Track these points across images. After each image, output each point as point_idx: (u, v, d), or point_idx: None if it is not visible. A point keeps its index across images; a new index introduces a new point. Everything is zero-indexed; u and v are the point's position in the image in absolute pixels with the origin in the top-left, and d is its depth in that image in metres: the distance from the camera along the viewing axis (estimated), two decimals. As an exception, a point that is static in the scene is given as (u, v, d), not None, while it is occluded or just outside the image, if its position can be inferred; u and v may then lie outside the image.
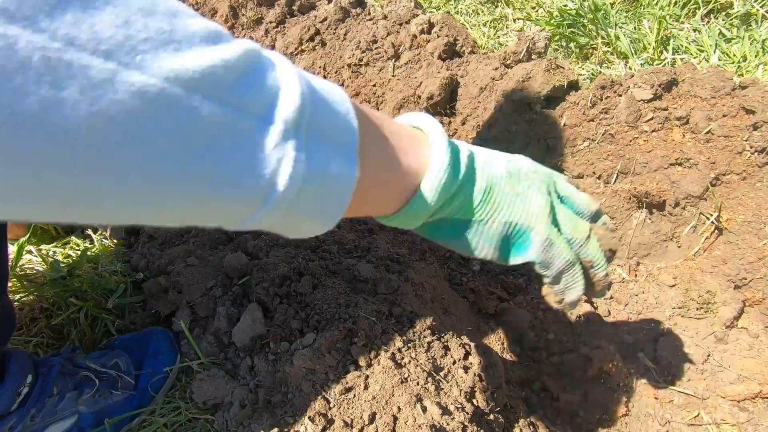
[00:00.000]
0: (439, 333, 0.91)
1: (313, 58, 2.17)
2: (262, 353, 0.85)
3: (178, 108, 0.27)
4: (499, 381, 0.86)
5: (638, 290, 1.28)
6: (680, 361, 1.12)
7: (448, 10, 2.22)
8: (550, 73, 1.43)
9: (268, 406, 0.79)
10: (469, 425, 0.75)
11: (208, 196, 0.30)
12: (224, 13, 2.53)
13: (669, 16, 1.73)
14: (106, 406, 0.81)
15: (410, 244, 1.31)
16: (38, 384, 0.76)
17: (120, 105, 0.24)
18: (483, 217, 0.50)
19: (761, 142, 1.14)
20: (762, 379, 1.05)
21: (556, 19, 1.90)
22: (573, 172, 1.41)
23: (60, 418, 0.77)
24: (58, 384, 0.78)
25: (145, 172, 0.27)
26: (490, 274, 1.29)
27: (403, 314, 0.92)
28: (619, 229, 1.33)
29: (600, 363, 1.05)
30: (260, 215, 0.33)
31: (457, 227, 0.51)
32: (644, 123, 1.30)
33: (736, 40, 1.59)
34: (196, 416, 0.82)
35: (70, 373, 0.81)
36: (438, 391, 0.78)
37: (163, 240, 1.11)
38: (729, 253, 1.21)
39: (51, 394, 0.77)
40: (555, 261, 0.53)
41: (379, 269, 1.01)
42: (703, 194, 1.24)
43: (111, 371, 0.84)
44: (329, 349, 0.80)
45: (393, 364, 0.79)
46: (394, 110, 1.83)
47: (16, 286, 0.97)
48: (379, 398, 0.75)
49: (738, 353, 1.12)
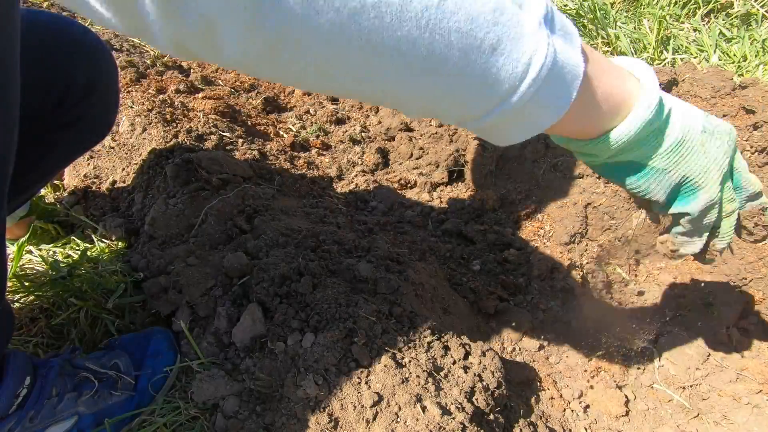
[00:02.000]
0: (439, 333, 0.91)
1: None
2: (262, 353, 0.85)
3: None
4: (499, 381, 0.86)
5: (638, 290, 1.28)
6: (680, 360, 1.11)
7: (448, 10, 2.22)
8: (550, 73, 1.43)
9: (268, 405, 0.79)
10: (469, 425, 0.75)
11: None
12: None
13: (669, 16, 1.73)
14: (106, 406, 0.81)
15: (410, 244, 1.31)
16: (37, 385, 0.76)
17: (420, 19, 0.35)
18: (667, 167, 0.55)
19: (761, 142, 1.14)
20: (762, 379, 1.05)
21: (556, 18, 1.90)
22: (573, 172, 1.41)
23: (59, 420, 0.77)
24: (57, 385, 0.78)
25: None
26: (490, 274, 1.29)
27: (403, 314, 0.91)
28: (619, 229, 1.33)
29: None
30: (520, 91, 0.41)
31: (636, 170, 0.56)
32: (644, 123, 1.30)
33: (736, 40, 1.59)
34: (196, 416, 0.82)
35: (69, 374, 0.81)
36: (438, 391, 0.78)
37: (163, 240, 1.11)
38: (729, 253, 1.21)
39: (50, 396, 0.77)
40: (704, 220, 0.59)
41: (379, 269, 1.01)
42: (703, 194, 1.24)
43: (110, 372, 0.84)
44: (330, 349, 0.80)
45: (393, 363, 0.79)
46: (394, 109, 1.83)
47: (16, 286, 0.97)
48: (380, 398, 0.75)
49: (738, 353, 1.12)
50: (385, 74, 0.37)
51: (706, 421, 1.02)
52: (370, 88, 0.39)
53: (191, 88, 1.86)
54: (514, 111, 0.42)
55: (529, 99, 0.41)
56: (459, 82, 0.39)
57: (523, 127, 0.45)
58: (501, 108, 0.42)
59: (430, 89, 0.39)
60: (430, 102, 0.41)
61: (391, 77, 0.38)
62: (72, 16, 2.46)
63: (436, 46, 0.36)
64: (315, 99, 2.08)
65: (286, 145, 1.72)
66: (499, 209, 1.51)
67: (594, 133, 0.52)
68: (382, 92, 0.40)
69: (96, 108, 0.96)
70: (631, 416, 1.03)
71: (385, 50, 0.35)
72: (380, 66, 0.37)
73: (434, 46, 0.36)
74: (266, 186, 1.30)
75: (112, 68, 0.97)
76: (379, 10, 0.34)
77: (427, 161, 1.69)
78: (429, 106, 0.42)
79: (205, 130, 1.52)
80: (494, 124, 0.44)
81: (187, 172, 1.19)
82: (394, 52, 0.36)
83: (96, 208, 1.35)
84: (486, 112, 0.42)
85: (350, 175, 1.68)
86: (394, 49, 0.36)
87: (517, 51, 0.39)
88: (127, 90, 1.74)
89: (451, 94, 0.40)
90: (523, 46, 0.39)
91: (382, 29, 0.34)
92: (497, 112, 0.42)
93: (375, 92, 0.40)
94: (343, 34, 0.34)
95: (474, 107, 0.42)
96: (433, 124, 1.73)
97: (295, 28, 0.33)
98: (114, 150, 1.49)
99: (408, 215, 1.50)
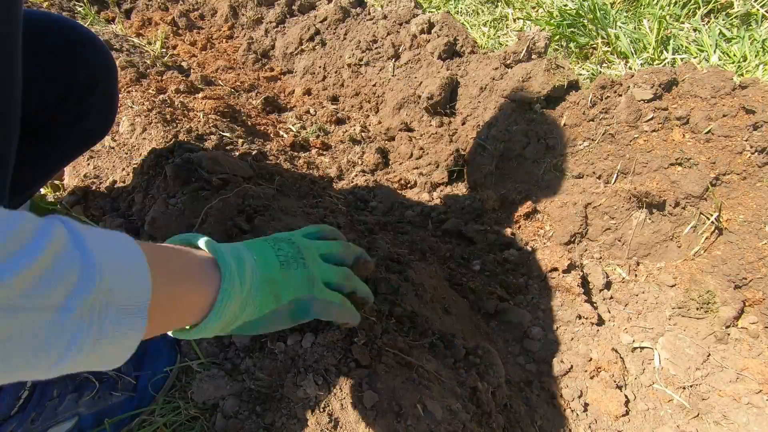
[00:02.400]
0: (440, 333, 0.91)
1: (313, 58, 2.17)
2: (262, 353, 0.85)
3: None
4: (499, 381, 0.86)
5: (638, 290, 1.28)
6: (680, 360, 1.12)
7: (448, 10, 2.22)
8: (550, 73, 1.43)
9: (267, 405, 0.79)
10: (469, 425, 0.75)
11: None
12: (224, 13, 2.52)
13: (669, 16, 1.73)
14: (106, 407, 0.81)
15: (410, 244, 1.31)
16: (38, 387, 0.76)
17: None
18: (271, 308, 0.60)
19: (761, 142, 1.14)
20: (762, 379, 1.05)
21: (556, 19, 1.90)
22: (573, 172, 1.41)
23: (60, 421, 0.77)
24: (57, 387, 0.78)
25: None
26: (490, 274, 1.29)
27: (403, 314, 0.91)
28: (620, 229, 1.33)
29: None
30: (56, 367, 0.38)
31: (255, 323, 0.61)
32: (644, 123, 1.30)
33: (736, 40, 1.59)
34: (196, 416, 0.81)
35: (70, 376, 0.81)
36: (438, 391, 0.78)
37: (163, 240, 1.11)
38: (729, 253, 1.21)
39: (51, 397, 0.77)
40: (331, 311, 0.67)
41: (379, 269, 1.01)
42: (703, 194, 1.24)
43: (111, 372, 0.84)
44: (330, 349, 0.80)
45: (394, 363, 0.79)
46: (394, 110, 1.83)
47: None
48: (381, 398, 0.75)
49: (738, 353, 1.12)
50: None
51: (706, 421, 1.02)
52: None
53: (191, 88, 1.86)
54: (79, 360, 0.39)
55: (90, 351, 0.39)
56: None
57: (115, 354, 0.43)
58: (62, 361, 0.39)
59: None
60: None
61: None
62: (71, 16, 2.46)
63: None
64: (315, 99, 2.08)
65: (286, 145, 1.72)
66: (499, 209, 1.51)
67: (190, 323, 0.53)
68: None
69: (96, 107, 0.96)
70: (631, 416, 1.03)
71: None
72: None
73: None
74: (266, 186, 1.29)
75: (111, 68, 0.97)
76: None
77: (427, 161, 1.69)
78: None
79: (205, 130, 1.52)
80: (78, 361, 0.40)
81: (187, 172, 1.19)
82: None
83: (96, 208, 1.35)
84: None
85: (350, 175, 1.68)
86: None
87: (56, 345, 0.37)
88: (127, 90, 1.74)
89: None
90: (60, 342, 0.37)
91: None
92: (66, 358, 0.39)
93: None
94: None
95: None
96: (433, 124, 1.73)
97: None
98: (114, 150, 1.49)
99: (408, 215, 1.50)
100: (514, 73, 1.52)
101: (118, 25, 2.48)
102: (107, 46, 1.19)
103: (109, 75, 0.96)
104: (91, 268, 0.38)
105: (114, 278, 0.40)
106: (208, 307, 0.53)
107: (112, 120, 1.05)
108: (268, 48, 2.34)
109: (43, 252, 0.34)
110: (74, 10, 2.49)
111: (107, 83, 0.96)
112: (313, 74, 2.17)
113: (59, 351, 0.37)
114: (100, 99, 0.96)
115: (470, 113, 1.65)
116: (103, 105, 0.98)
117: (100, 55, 0.93)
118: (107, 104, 1.00)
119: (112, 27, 2.48)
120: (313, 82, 2.16)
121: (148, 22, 2.54)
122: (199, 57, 2.30)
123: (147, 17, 2.56)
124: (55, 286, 0.35)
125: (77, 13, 2.48)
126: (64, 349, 0.37)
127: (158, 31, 2.40)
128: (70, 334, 0.37)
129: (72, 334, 0.37)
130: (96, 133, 1.03)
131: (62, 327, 0.36)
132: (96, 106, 0.96)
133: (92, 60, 0.91)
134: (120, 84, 1.76)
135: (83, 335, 0.38)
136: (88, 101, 0.93)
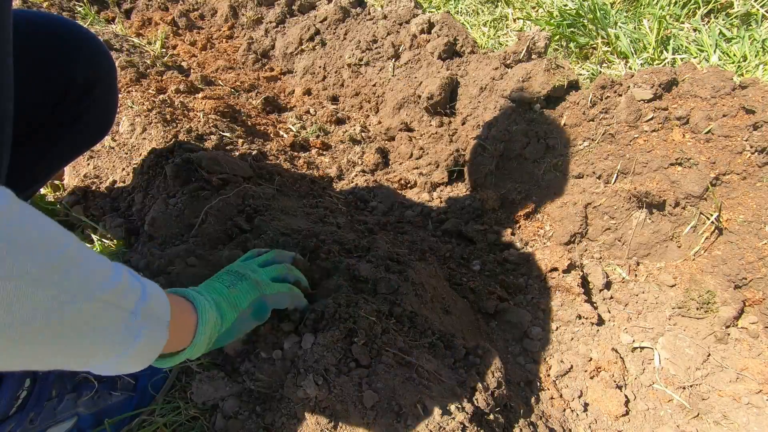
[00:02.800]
0: (440, 333, 0.91)
1: (313, 58, 2.17)
2: (261, 353, 0.85)
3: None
4: (499, 381, 0.86)
5: (638, 290, 1.28)
6: (680, 360, 1.12)
7: (448, 10, 2.22)
8: (550, 73, 1.43)
9: (267, 405, 0.79)
10: (469, 425, 0.75)
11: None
12: (224, 13, 2.52)
13: (669, 16, 1.73)
14: (106, 407, 0.81)
15: (410, 244, 1.31)
16: (36, 387, 0.76)
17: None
18: (235, 317, 0.75)
19: (761, 142, 1.14)
20: (762, 379, 1.05)
21: (556, 19, 1.90)
22: (573, 172, 1.41)
23: (59, 421, 0.77)
24: (56, 387, 0.78)
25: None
26: (490, 274, 1.29)
27: (403, 314, 0.91)
28: (620, 229, 1.33)
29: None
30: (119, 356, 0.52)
31: (229, 331, 0.75)
32: (644, 123, 1.30)
33: (736, 40, 1.59)
34: (196, 416, 0.81)
35: (68, 376, 0.80)
36: (438, 391, 0.78)
37: (163, 240, 1.11)
38: (729, 253, 1.21)
39: (50, 397, 0.77)
40: (284, 301, 0.84)
41: (379, 269, 1.01)
42: (703, 194, 1.24)
43: (110, 372, 0.84)
44: (330, 349, 0.80)
45: (393, 363, 0.79)
46: (394, 110, 1.83)
47: (16, 286, 0.97)
48: (381, 398, 0.75)
49: (738, 353, 1.12)
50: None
51: (706, 421, 1.02)
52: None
53: (191, 88, 1.86)
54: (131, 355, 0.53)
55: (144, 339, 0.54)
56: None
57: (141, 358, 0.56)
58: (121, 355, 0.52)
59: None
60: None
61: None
62: (71, 16, 2.46)
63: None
64: (315, 99, 2.08)
65: (286, 145, 1.72)
66: (499, 209, 1.51)
67: (184, 345, 0.66)
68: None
69: (95, 107, 0.96)
70: (631, 416, 1.03)
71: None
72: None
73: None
74: (266, 186, 1.29)
75: (111, 68, 0.97)
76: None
77: (427, 161, 1.69)
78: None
79: (205, 130, 1.51)
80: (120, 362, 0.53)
81: (187, 172, 1.19)
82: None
83: (96, 208, 1.35)
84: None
85: (350, 175, 1.68)
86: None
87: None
88: (127, 90, 1.74)
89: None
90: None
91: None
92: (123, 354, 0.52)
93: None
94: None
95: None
96: (433, 124, 1.73)
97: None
98: (114, 150, 1.49)
99: (408, 215, 1.50)
100: (514, 73, 1.52)
101: (118, 25, 2.48)
102: (107, 46, 1.19)
103: (108, 75, 0.96)
104: (144, 290, 0.54)
105: (154, 300, 0.56)
106: (194, 328, 0.67)
107: (112, 120, 1.05)
108: (268, 48, 2.34)
109: (121, 275, 0.51)
110: (74, 10, 2.49)
111: (106, 83, 0.96)
112: (313, 74, 2.17)
113: (126, 343, 0.51)
114: (100, 99, 0.95)
115: (470, 113, 1.65)
116: (102, 105, 0.98)
117: (99, 55, 0.93)
118: (107, 104, 1.00)
119: (112, 27, 2.48)
120: (313, 82, 2.16)
121: (148, 22, 2.54)
122: (199, 57, 2.30)
123: (147, 17, 2.56)
124: (129, 296, 0.51)
125: (77, 13, 2.48)
126: (130, 343, 0.52)
127: (158, 31, 2.40)
128: (136, 331, 0.52)
129: (137, 330, 0.52)
130: (96, 133, 1.03)
131: (131, 326, 0.51)
132: (95, 106, 0.95)
133: (91, 60, 0.91)
134: (120, 84, 1.76)
135: (143, 334, 0.53)
136: (88, 101, 0.93)
